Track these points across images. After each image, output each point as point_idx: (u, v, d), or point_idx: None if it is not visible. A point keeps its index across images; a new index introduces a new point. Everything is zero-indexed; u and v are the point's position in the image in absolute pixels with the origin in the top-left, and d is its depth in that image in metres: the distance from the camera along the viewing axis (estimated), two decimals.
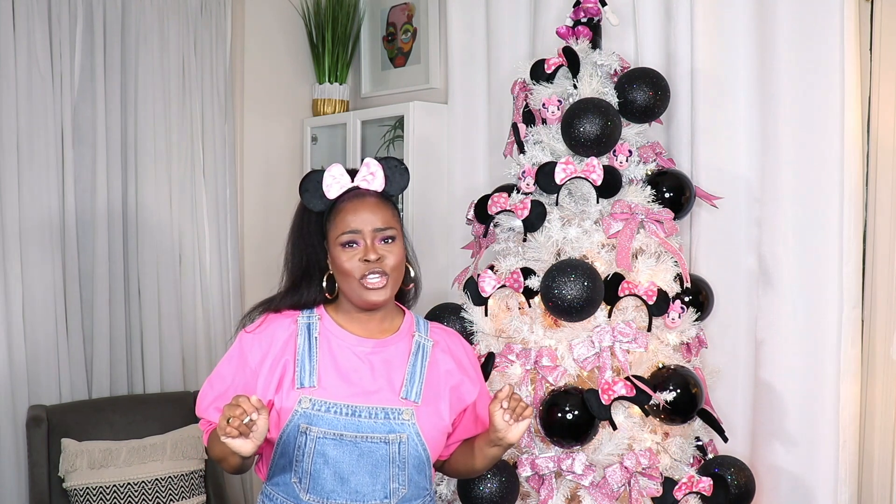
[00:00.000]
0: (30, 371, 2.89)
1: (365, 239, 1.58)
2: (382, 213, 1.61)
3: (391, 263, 1.59)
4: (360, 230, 1.58)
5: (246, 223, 3.46)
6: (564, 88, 2.21)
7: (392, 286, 1.60)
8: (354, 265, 1.57)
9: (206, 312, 3.27)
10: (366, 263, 1.57)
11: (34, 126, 2.87)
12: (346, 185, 1.62)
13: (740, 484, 2.05)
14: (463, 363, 1.73)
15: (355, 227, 1.58)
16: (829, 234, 2.16)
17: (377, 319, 1.66)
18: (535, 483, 2.02)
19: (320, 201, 1.61)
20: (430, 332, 1.72)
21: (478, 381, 1.75)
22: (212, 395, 1.67)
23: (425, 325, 1.73)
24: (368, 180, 1.62)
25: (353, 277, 1.58)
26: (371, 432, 1.57)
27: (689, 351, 2.17)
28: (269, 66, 3.51)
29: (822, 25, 2.14)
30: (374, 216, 1.59)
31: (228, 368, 1.66)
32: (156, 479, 2.74)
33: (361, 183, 1.62)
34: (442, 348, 1.70)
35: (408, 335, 1.68)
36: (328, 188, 1.61)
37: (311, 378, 1.59)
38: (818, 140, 2.17)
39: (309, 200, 1.62)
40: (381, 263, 1.58)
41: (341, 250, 1.58)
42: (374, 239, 1.58)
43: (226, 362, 1.67)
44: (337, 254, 1.59)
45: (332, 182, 1.61)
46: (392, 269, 1.59)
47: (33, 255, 2.88)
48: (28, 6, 2.83)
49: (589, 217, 2.11)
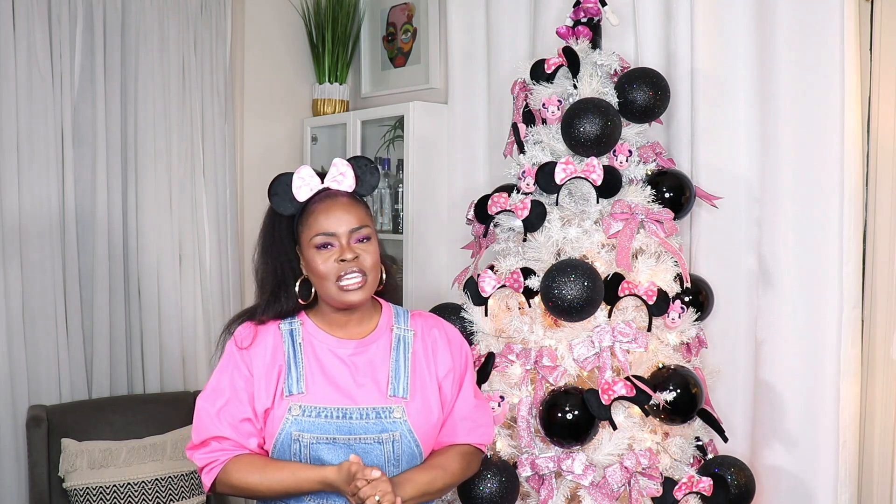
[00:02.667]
0: (30, 371, 2.89)
1: (340, 240, 1.55)
2: (356, 212, 1.58)
3: (368, 263, 1.57)
4: (334, 232, 1.55)
5: (246, 223, 3.46)
6: (564, 88, 2.21)
7: (370, 286, 1.58)
8: (330, 266, 1.55)
9: (206, 312, 3.27)
10: (342, 263, 1.54)
11: (34, 126, 2.87)
12: (317, 187, 1.59)
13: (740, 484, 2.05)
14: (442, 346, 1.70)
15: (330, 228, 1.55)
16: (829, 234, 2.16)
17: (355, 320, 1.64)
18: (535, 483, 2.02)
19: (290, 205, 1.58)
20: (411, 322, 1.69)
21: (455, 367, 1.70)
22: (213, 410, 1.59)
23: (405, 314, 1.71)
24: (339, 181, 1.60)
25: (329, 280, 1.55)
26: (363, 433, 1.57)
27: (689, 351, 2.17)
28: (269, 66, 3.51)
29: (822, 25, 2.14)
30: (348, 216, 1.57)
31: (224, 381, 1.60)
32: (156, 479, 2.74)
33: (332, 184, 1.60)
34: (422, 337, 1.68)
35: (387, 330, 1.67)
36: (297, 190, 1.58)
37: (298, 385, 1.58)
38: (818, 140, 2.17)
39: (278, 204, 1.58)
40: (357, 263, 1.55)
41: (316, 252, 1.56)
42: (350, 239, 1.56)
43: (219, 377, 1.62)
44: (311, 256, 1.56)
45: (301, 184, 1.58)
46: (370, 268, 1.57)
47: (33, 254, 2.88)
48: (28, 6, 2.83)
49: (589, 217, 2.11)
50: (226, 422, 1.58)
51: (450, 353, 1.72)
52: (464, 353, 1.77)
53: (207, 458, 1.59)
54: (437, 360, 1.69)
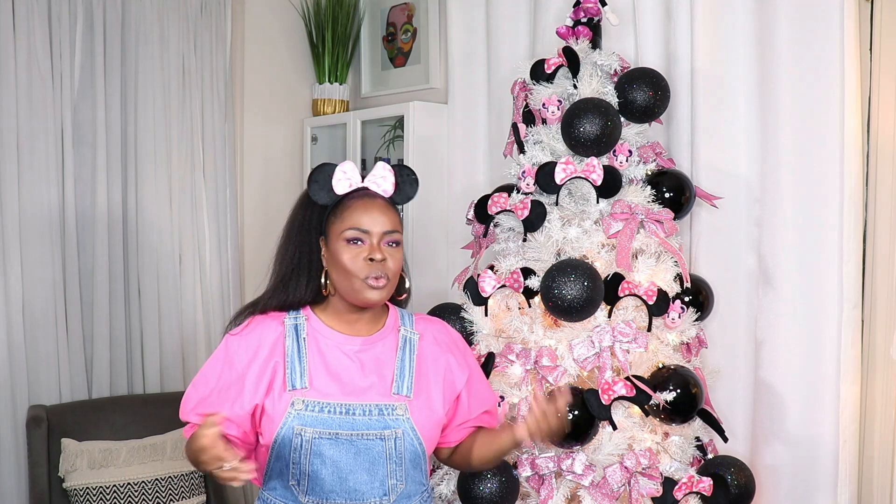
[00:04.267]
0: (30, 371, 2.89)
1: (372, 239, 1.56)
2: (392, 216, 1.60)
3: (393, 268, 1.58)
4: (369, 230, 1.56)
5: (246, 223, 3.46)
6: (564, 88, 2.21)
7: (389, 289, 1.59)
8: (358, 264, 1.55)
9: (206, 313, 3.27)
10: (370, 263, 1.55)
11: (34, 126, 2.87)
12: (357, 184, 1.60)
13: (740, 484, 2.05)
14: (449, 349, 1.72)
15: (364, 225, 1.56)
16: (829, 234, 2.16)
17: (366, 319, 1.65)
18: (535, 483, 2.02)
19: (327, 195, 1.59)
20: (416, 325, 1.70)
21: (466, 366, 1.73)
22: (196, 397, 1.62)
23: (410, 317, 1.72)
24: (378, 183, 1.61)
25: (354, 276, 1.55)
26: (366, 429, 1.57)
27: (689, 351, 2.18)
28: (269, 66, 3.51)
29: (822, 25, 2.14)
30: (384, 218, 1.58)
31: (213, 371, 1.62)
32: (156, 479, 2.74)
33: (371, 184, 1.61)
34: (428, 339, 1.69)
35: (393, 330, 1.67)
36: (337, 183, 1.59)
37: (301, 379, 1.58)
38: (818, 140, 2.17)
39: (315, 192, 1.59)
40: (384, 265, 1.56)
41: (345, 246, 1.56)
42: (381, 241, 1.57)
43: (210, 365, 1.63)
44: (339, 249, 1.56)
45: (342, 177, 1.59)
46: (394, 273, 1.58)
47: (33, 254, 2.88)
48: (28, 6, 2.83)
49: (589, 217, 2.11)
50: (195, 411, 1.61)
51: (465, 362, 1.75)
52: (469, 353, 1.80)
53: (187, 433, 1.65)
54: (455, 376, 1.70)
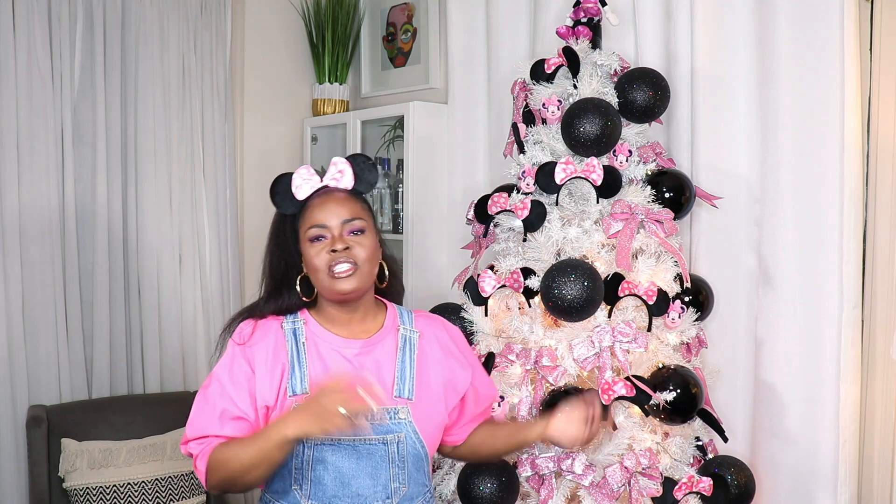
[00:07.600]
0: (30, 371, 2.89)
1: (333, 232, 1.57)
2: (350, 206, 1.60)
3: (361, 255, 1.57)
4: (326, 224, 1.57)
5: (246, 223, 3.46)
6: (564, 88, 2.21)
7: (361, 277, 1.58)
8: (322, 258, 1.56)
9: (206, 313, 3.27)
10: (332, 254, 1.56)
11: (34, 126, 2.87)
12: (316, 185, 1.61)
13: (740, 484, 2.05)
14: (450, 349, 1.72)
15: (322, 221, 1.57)
16: (829, 234, 2.16)
17: (358, 318, 1.64)
18: (535, 483, 2.02)
19: (291, 204, 1.61)
20: (415, 323, 1.70)
21: (468, 364, 1.74)
22: (209, 407, 1.56)
23: (409, 315, 1.72)
24: (337, 178, 1.62)
25: (321, 270, 1.56)
26: (368, 434, 1.56)
27: (689, 351, 2.17)
28: (269, 66, 3.51)
29: (822, 25, 2.14)
30: (340, 208, 1.58)
31: (227, 377, 1.58)
32: (156, 479, 2.74)
33: (330, 182, 1.62)
34: (428, 338, 1.69)
35: (392, 330, 1.67)
36: (297, 189, 1.60)
37: (302, 384, 1.57)
38: (818, 140, 2.17)
39: (280, 203, 1.62)
40: (348, 253, 1.56)
41: (310, 245, 1.58)
42: (342, 231, 1.58)
43: (221, 372, 1.59)
44: (306, 250, 1.59)
45: (301, 183, 1.61)
46: (362, 260, 1.57)
47: (33, 254, 2.88)
48: (28, 6, 2.83)
49: (589, 217, 2.11)
50: (221, 420, 1.55)
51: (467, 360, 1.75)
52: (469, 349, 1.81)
53: (201, 447, 1.56)
54: (457, 376, 1.71)
